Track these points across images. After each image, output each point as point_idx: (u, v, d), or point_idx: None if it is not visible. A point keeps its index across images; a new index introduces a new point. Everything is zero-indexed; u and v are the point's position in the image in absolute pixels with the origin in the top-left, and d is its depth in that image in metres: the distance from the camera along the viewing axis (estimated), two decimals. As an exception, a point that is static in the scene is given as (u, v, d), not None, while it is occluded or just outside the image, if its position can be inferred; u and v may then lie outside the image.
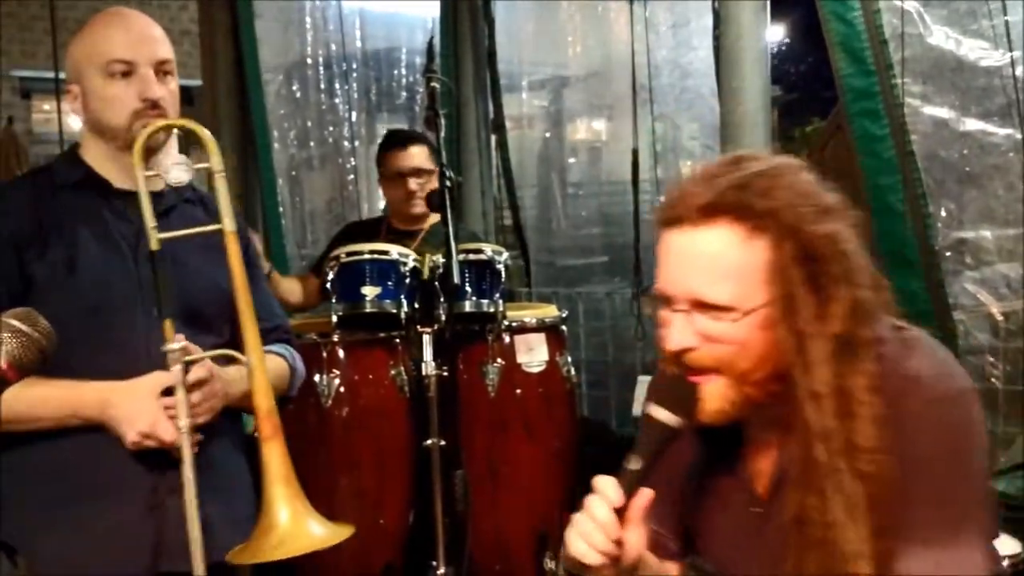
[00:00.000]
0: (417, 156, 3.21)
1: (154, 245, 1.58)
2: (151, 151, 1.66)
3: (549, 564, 2.75)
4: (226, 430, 1.73)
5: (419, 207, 3.17)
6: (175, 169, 1.61)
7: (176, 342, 1.57)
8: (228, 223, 1.63)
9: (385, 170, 3.27)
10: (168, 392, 1.59)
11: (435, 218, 3.25)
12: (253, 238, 1.99)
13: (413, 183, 3.20)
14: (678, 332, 1.16)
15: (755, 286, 1.13)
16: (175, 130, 1.69)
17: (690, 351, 1.16)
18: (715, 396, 1.16)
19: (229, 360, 1.64)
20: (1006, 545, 2.19)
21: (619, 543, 1.13)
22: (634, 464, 1.15)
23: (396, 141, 3.27)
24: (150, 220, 1.60)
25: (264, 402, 1.59)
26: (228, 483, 1.74)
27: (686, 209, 1.14)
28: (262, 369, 1.59)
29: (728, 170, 1.15)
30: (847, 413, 1.12)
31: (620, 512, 1.14)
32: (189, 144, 1.79)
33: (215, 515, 1.64)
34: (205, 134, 1.64)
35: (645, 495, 1.15)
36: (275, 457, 1.56)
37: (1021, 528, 2.26)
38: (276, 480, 1.55)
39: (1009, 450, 3.02)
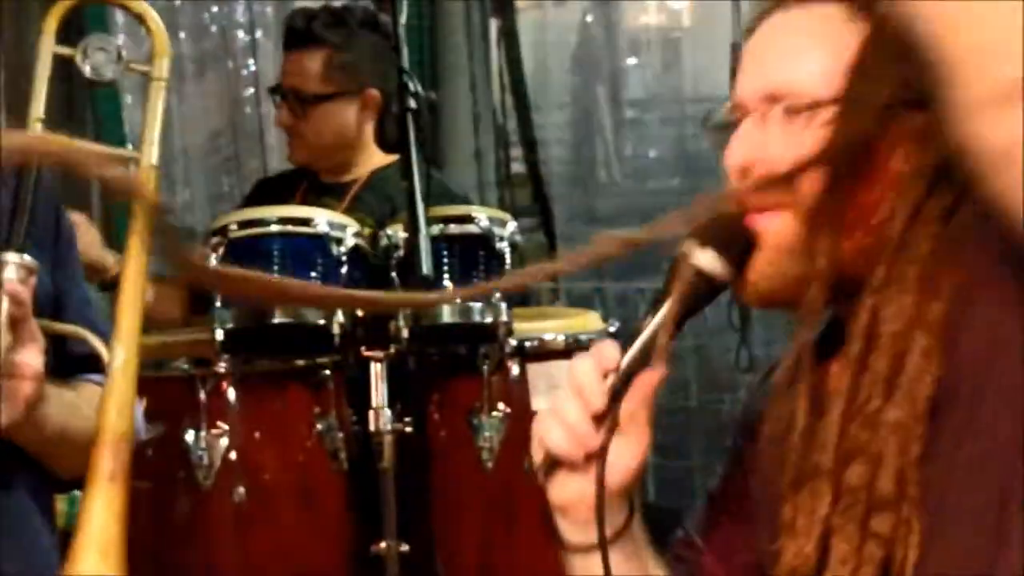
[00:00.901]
0: (299, 71, 3.26)
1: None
2: None
3: None
4: (29, 465, 1.83)
5: (297, 151, 3.29)
6: (97, 55, 1.86)
7: None
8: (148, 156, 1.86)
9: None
10: None
11: (377, 160, 3.28)
12: (73, 216, 2.05)
13: (285, 113, 3.27)
14: (743, 140, 1.32)
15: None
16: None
17: (754, 166, 1.31)
18: (777, 239, 1.30)
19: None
20: None
21: (602, 422, 1.30)
22: (647, 321, 1.33)
23: (287, 34, 3.32)
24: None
25: (116, 423, 1.71)
26: (25, 537, 1.83)
27: None
28: (133, 365, 1.74)
29: None
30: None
31: (616, 387, 1.31)
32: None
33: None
34: (153, 19, 1.87)
35: (655, 373, 1.32)
36: (103, 509, 1.67)
37: None
38: (91, 546, 1.65)
39: None
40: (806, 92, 1.30)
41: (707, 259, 1.31)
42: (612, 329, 3.05)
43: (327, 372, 2.89)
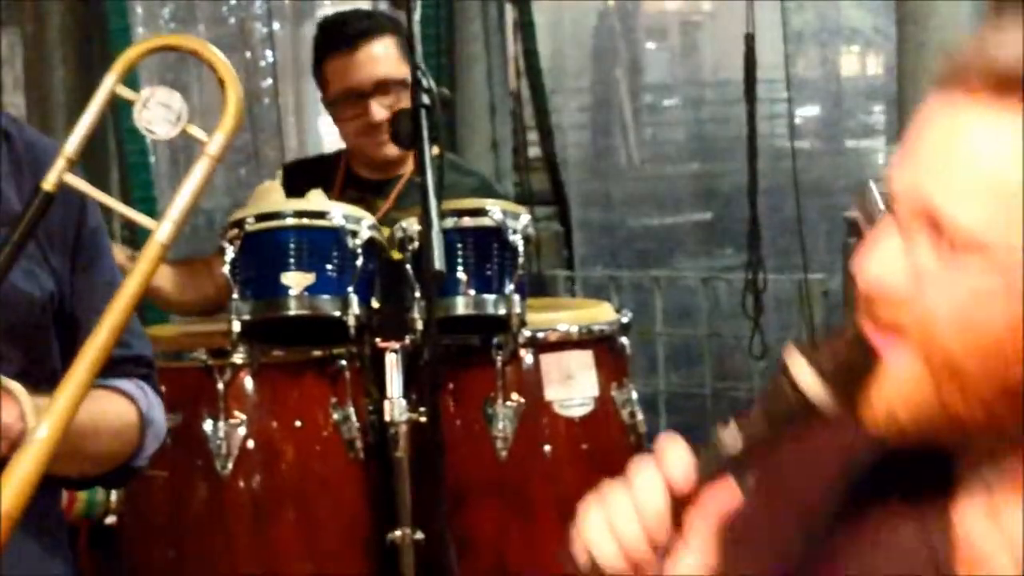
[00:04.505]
0: (382, 58, 3.21)
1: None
2: None
3: None
4: (34, 511, 1.74)
5: (391, 149, 3.14)
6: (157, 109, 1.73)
7: None
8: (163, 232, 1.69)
9: (329, 87, 3.27)
10: None
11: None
12: (91, 205, 2.02)
13: (378, 108, 3.17)
14: (884, 254, 1.13)
15: None
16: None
17: (890, 291, 1.13)
18: (895, 378, 1.13)
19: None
20: None
21: (658, 550, 1.15)
22: (731, 440, 1.15)
23: (340, 37, 3.25)
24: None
25: (8, 501, 1.56)
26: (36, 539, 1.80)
27: (976, 69, 1.11)
28: (51, 444, 1.60)
29: None
30: None
31: (680, 505, 1.15)
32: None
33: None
34: (222, 65, 1.73)
35: (731, 495, 1.15)
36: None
37: None
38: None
39: None
40: (965, 232, 1.09)
41: (807, 379, 1.14)
42: (625, 320, 3.07)
43: (343, 362, 2.90)
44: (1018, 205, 1.09)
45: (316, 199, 2.99)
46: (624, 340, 3.04)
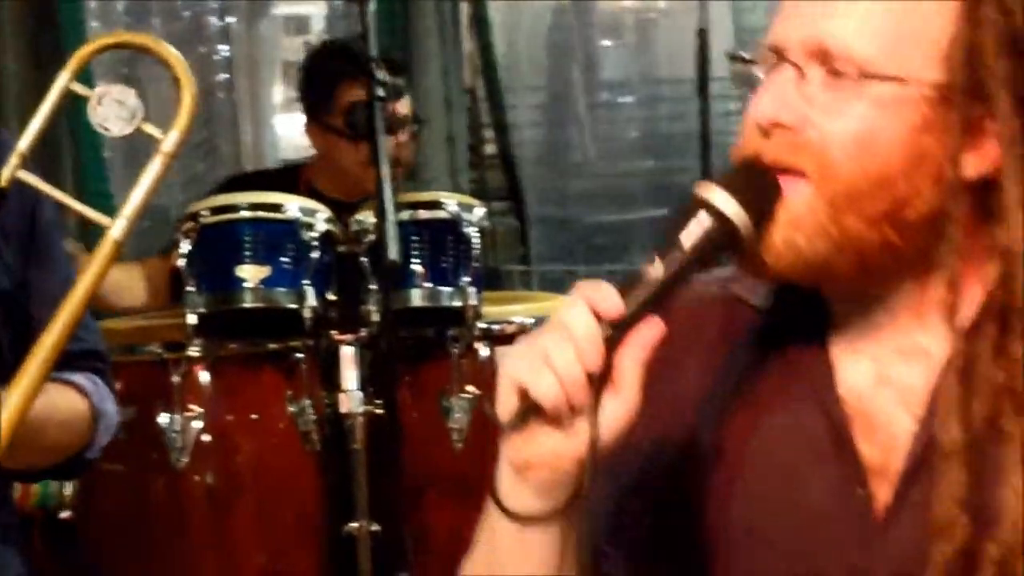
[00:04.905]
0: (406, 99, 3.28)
1: None
2: None
3: None
4: None
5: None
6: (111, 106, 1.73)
7: None
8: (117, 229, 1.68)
9: (337, 110, 3.26)
10: None
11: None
12: (45, 200, 2.01)
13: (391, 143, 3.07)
14: (774, 93, 1.20)
15: (920, 53, 1.18)
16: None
17: (782, 127, 1.19)
18: (795, 206, 1.19)
19: None
20: None
21: (592, 379, 1.14)
22: (656, 270, 1.16)
23: (355, 64, 3.08)
24: None
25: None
26: None
27: None
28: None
29: None
30: None
31: (612, 338, 1.14)
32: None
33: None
34: (177, 62, 1.73)
35: (656, 325, 1.15)
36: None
37: None
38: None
39: None
40: (864, 58, 1.17)
41: (725, 201, 1.17)
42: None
43: (299, 355, 2.89)
44: (907, 38, 1.18)
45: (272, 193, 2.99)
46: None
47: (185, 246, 2.81)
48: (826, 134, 1.17)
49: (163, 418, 2.81)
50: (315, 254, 2.81)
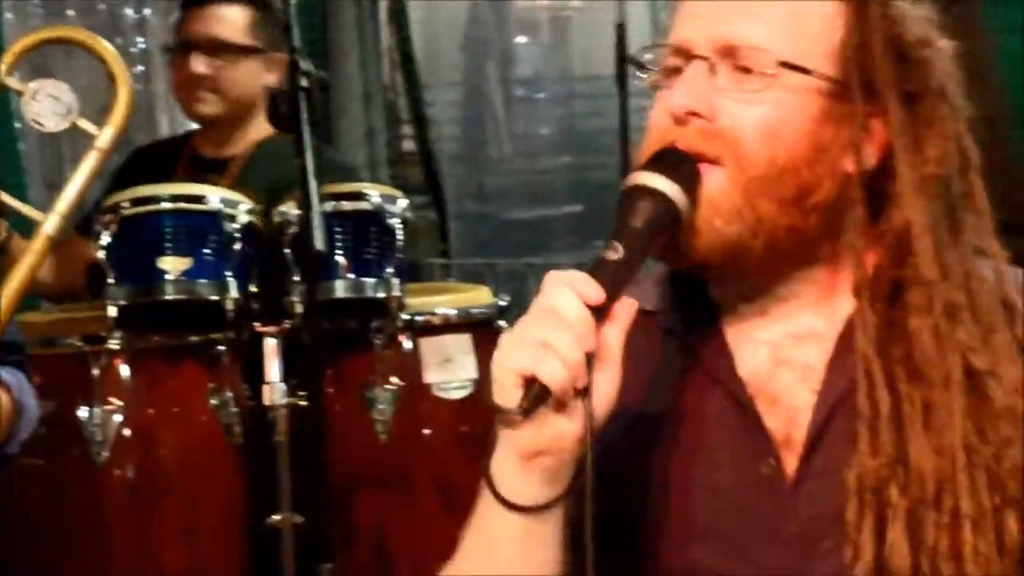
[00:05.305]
0: (224, 20, 3.25)
1: None
2: None
3: None
4: None
5: (208, 104, 3.21)
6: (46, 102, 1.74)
7: None
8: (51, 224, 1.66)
9: (174, 45, 3.32)
10: None
11: (261, 132, 3.28)
12: None
13: (199, 62, 3.20)
14: (688, 85, 1.28)
15: (819, 48, 1.29)
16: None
17: (697, 116, 1.27)
18: (713, 197, 1.27)
19: None
20: None
21: (588, 360, 1.19)
22: (613, 253, 1.23)
23: None
24: None
25: None
26: None
27: None
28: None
29: None
30: (965, 305, 1.27)
31: (597, 319, 1.21)
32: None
33: None
34: (113, 59, 1.70)
35: (628, 301, 1.23)
36: None
37: None
38: None
39: None
40: (770, 52, 1.27)
41: (664, 183, 1.24)
42: (503, 303, 3.08)
43: (221, 347, 2.88)
44: (806, 36, 1.28)
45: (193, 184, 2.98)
46: (502, 323, 3.05)
47: (105, 238, 2.78)
48: (737, 122, 1.27)
49: (83, 412, 2.78)
50: (237, 245, 2.80)
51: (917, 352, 1.26)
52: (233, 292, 2.78)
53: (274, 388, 2.71)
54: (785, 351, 1.33)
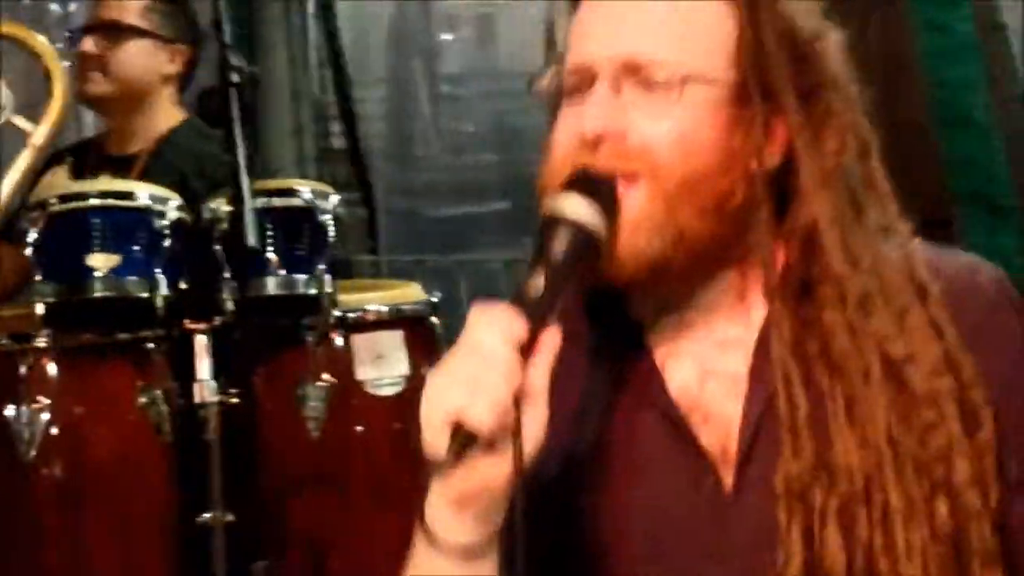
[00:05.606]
0: (121, 5, 3.26)
1: None
2: None
3: None
4: None
5: (95, 84, 3.20)
6: None
7: None
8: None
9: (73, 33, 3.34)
10: None
11: (164, 126, 3.28)
12: None
13: (90, 42, 3.20)
14: (595, 107, 1.28)
15: (717, 54, 1.30)
16: None
17: (609, 137, 1.27)
18: (633, 214, 1.26)
19: None
20: None
21: (516, 398, 1.18)
22: (537, 286, 1.22)
23: None
24: None
25: None
26: None
27: None
28: None
29: None
30: (875, 296, 1.28)
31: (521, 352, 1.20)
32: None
33: None
34: (50, 56, 1.67)
35: (553, 332, 1.21)
36: None
37: None
38: None
39: None
40: (672, 65, 1.27)
41: (583, 209, 1.24)
42: (435, 299, 3.09)
43: (151, 345, 2.86)
44: (704, 43, 1.29)
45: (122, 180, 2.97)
46: (434, 320, 3.07)
47: (32, 235, 2.75)
48: (649, 138, 1.27)
49: (10, 410, 2.76)
50: (167, 242, 2.78)
51: (834, 347, 1.27)
52: (163, 289, 2.77)
53: (205, 386, 2.70)
54: (711, 362, 1.33)
